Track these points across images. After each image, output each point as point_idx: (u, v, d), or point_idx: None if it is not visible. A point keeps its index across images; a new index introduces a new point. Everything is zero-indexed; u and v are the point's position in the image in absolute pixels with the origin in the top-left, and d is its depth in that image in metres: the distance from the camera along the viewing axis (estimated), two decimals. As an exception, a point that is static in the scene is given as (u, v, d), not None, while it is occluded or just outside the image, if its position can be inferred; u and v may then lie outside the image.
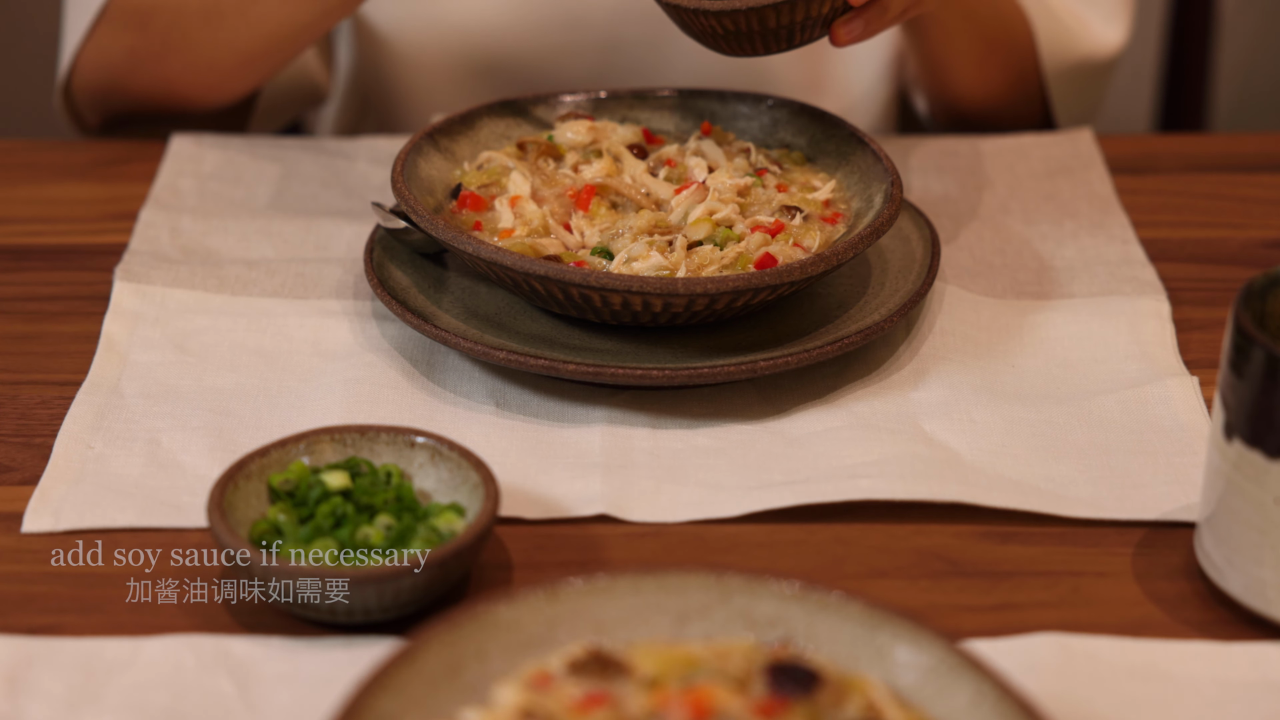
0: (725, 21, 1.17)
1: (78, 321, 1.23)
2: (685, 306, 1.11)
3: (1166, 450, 1.11)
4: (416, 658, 0.84)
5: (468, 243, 1.13)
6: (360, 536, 0.98)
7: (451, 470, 1.02)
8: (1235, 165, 1.44)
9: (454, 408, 1.14)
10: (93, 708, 0.92)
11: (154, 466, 1.09)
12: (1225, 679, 0.94)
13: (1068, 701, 0.92)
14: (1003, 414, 1.14)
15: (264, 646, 0.96)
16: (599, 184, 1.21)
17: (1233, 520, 0.96)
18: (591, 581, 0.89)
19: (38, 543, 1.03)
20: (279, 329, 1.22)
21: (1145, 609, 0.99)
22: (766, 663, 0.86)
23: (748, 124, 1.30)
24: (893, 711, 0.84)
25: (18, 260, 1.31)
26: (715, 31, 1.19)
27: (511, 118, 1.29)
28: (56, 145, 1.48)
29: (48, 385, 1.17)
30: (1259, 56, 2.45)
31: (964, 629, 0.97)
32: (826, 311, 1.19)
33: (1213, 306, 1.25)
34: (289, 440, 1.03)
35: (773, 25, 1.17)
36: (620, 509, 1.06)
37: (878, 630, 0.87)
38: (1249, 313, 0.96)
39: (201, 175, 1.39)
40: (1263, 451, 0.93)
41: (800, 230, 1.18)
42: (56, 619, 0.98)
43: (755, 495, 1.06)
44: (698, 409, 1.14)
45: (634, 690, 0.84)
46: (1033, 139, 1.47)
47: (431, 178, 1.23)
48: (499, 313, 1.18)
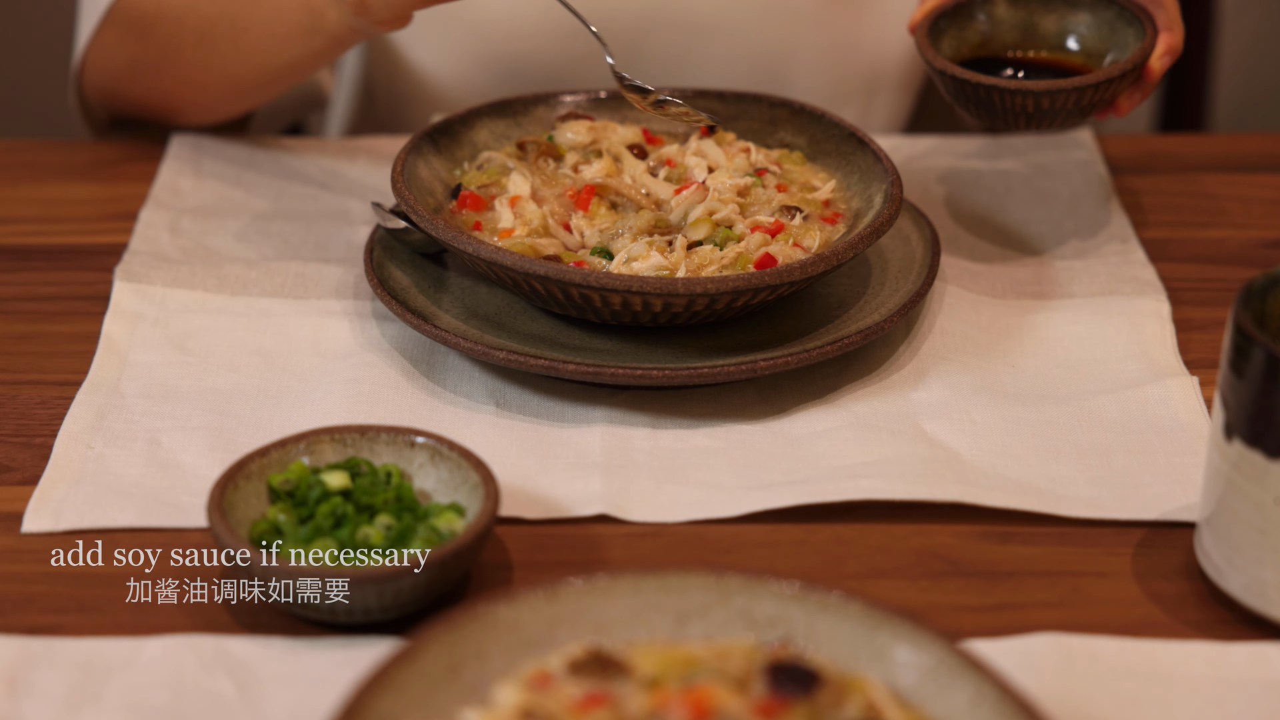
0: (1044, 101, 1.21)
1: (78, 321, 1.23)
2: (685, 306, 1.11)
3: (1166, 450, 1.11)
4: (416, 658, 0.84)
5: (468, 243, 1.13)
6: (360, 536, 0.98)
7: (451, 470, 1.02)
8: (1235, 165, 1.44)
9: (454, 408, 1.14)
10: (93, 708, 0.92)
11: (154, 466, 1.09)
12: (1225, 679, 0.94)
13: (1068, 701, 0.92)
14: (1003, 414, 1.14)
15: (264, 646, 0.96)
16: (599, 184, 1.21)
17: (1233, 520, 0.96)
18: (591, 581, 0.89)
19: (38, 543, 1.03)
20: (279, 329, 1.22)
21: (1145, 609, 0.99)
22: (766, 663, 0.86)
23: (748, 124, 1.30)
24: (893, 711, 0.84)
25: (18, 260, 1.31)
26: (1024, 110, 1.22)
27: (511, 118, 1.29)
28: (56, 145, 1.48)
29: (48, 385, 1.17)
30: (1259, 56, 2.45)
31: (964, 629, 0.97)
32: (826, 311, 1.19)
33: (1213, 306, 1.25)
34: (289, 440, 1.02)
35: (1086, 103, 1.22)
36: (620, 509, 1.06)
37: (878, 630, 0.87)
38: (1249, 313, 0.96)
39: (201, 175, 1.39)
40: (1263, 451, 0.93)
41: (800, 230, 1.18)
42: (56, 619, 0.98)
43: (755, 495, 1.06)
44: (698, 409, 1.14)
45: (634, 690, 0.84)
46: (1033, 139, 1.47)
47: (431, 178, 1.23)
48: (499, 313, 1.18)
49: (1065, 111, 1.22)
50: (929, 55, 1.25)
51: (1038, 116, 1.23)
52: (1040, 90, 1.21)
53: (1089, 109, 1.23)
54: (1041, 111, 1.22)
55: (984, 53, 1.31)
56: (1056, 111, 1.22)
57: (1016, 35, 1.31)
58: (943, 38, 1.28)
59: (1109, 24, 1.29)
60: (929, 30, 1.27)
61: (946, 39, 1.29)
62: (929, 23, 1.28)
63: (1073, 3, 1.30)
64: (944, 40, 1.29)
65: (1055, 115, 1.22)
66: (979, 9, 1.31)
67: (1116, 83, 1.21)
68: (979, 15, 1.30)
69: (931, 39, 1.27)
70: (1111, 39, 1.28)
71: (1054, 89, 1.20)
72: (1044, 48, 1.31)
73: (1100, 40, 1.29)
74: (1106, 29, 1.29)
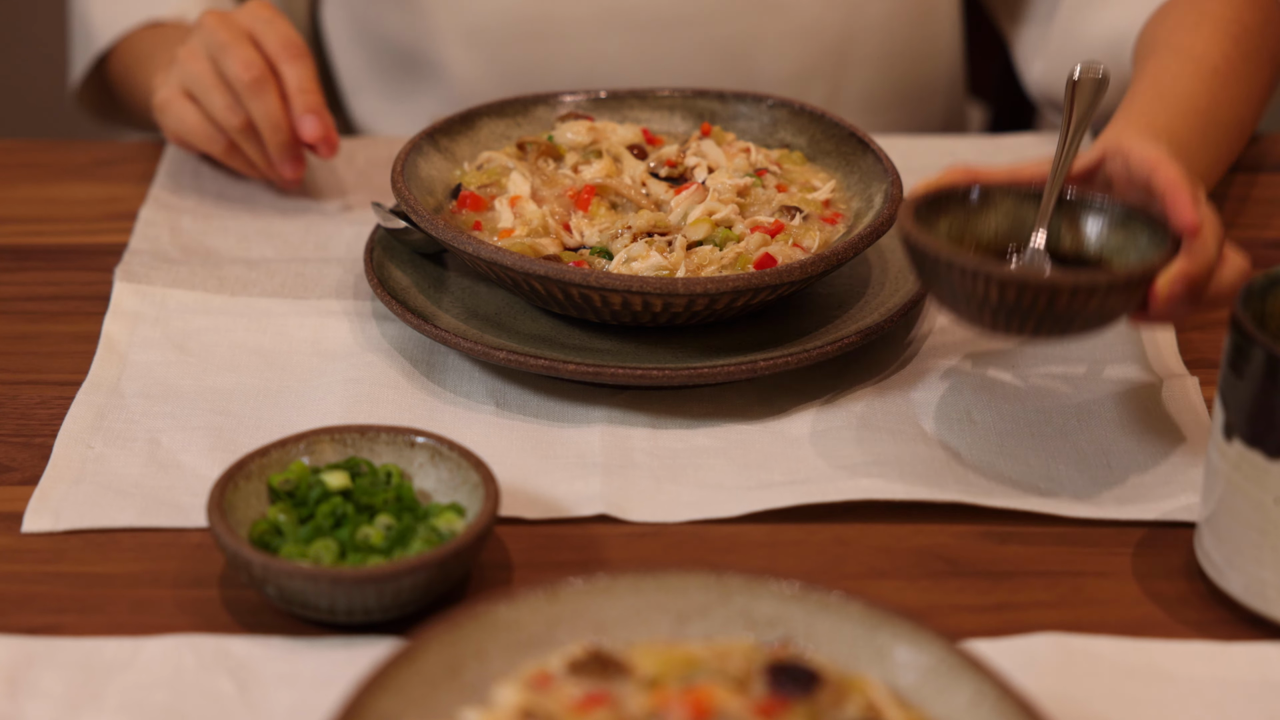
0: (1009, 293, 0.99)
1: (78, 321, 1.23)
2: (685, 306, 1.11)
3: (1166, 450, 1.11)
4: (416, 658, 0.84)
5: (468, 243, 1.13)
6: (360, 536, 0.98)
7: (451, 470, 1.02)
8: (1235, 165, 1.44)
9: (454, 408, 1.14)
10: (93, 708, 0.92)
11: (154, 466, 1.09)
12: (1225, 679, 0.94)
13: (1068, 701, 0.92)
14: (1003, 414, 1.14)
15: (264, 646, 0.96)
16: (599, 184, 1.21)
17: (1233, 520, 0.96)
18: (591, 581, 0.89)
19: (38, 543, 1.03)
20: (279, 329, 1.22)
21: (1145, 609, 0.99)
22: (766, 663, 0.86)
23: (748, 124, 1.30)
24: (893, 711, 0.84)
25: (18, 260, 1.31)
26: (987, 300, 0.99)
27: (511, 118, 1.29)
28: (56, 145, 1.48)
29: (48, 385, 1.17)
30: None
31: (964, 629, 0.97)
32: (826, 311, 1.19)
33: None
34: (289, 440, 1.03)
35: (1062, 309, 0.99)
36: (620, 509, 1.06)
37: (878, 630, 0.87)
38: (1249, 313, 0.96)
39: (201, 175, 1.40)
40: (1263, 451, 0.93)
41: (800, 230, 1.18)
42: (56, 619, 0.98)
43: (755, 495, 1.06)
44: (698, 409, 1.14)
45: (634, 690, 0.84)
46: (1032, 138, 1.47)
47: (431, 178, 1.23)
48: (499, 313, 1.18)
49: (1037, 315, 0.99)
50: (902, 217, 1.03)
51: (1003, 314, 1.00)
52: (1006, 279, 0.98)
53: (1067, 320, 1.00)
54: (1006, 307, 0.99)
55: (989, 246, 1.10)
56: (1025, 312, 0.99)
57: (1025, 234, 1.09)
58: (941, 217, 1.07)
59: (1135, 241, 1.07)
60: (926, 204, 1.06)
61: (945, 219, 1.08)
62: (928, 197, 1.07)
63: (1101, 209, 1.08)
64: (942, 220, 1.07)
65: (1025, 317, 0.99)
66: (992, 199, 1.09)
67: (1102, 294, 0.98)
68: (986, 205, 1.09)
69: (924, 215, 1.05)
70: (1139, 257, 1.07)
71: (1022, 280, 0.98)
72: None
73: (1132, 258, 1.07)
74: (1133, 247, 1.07)
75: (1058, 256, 1.08)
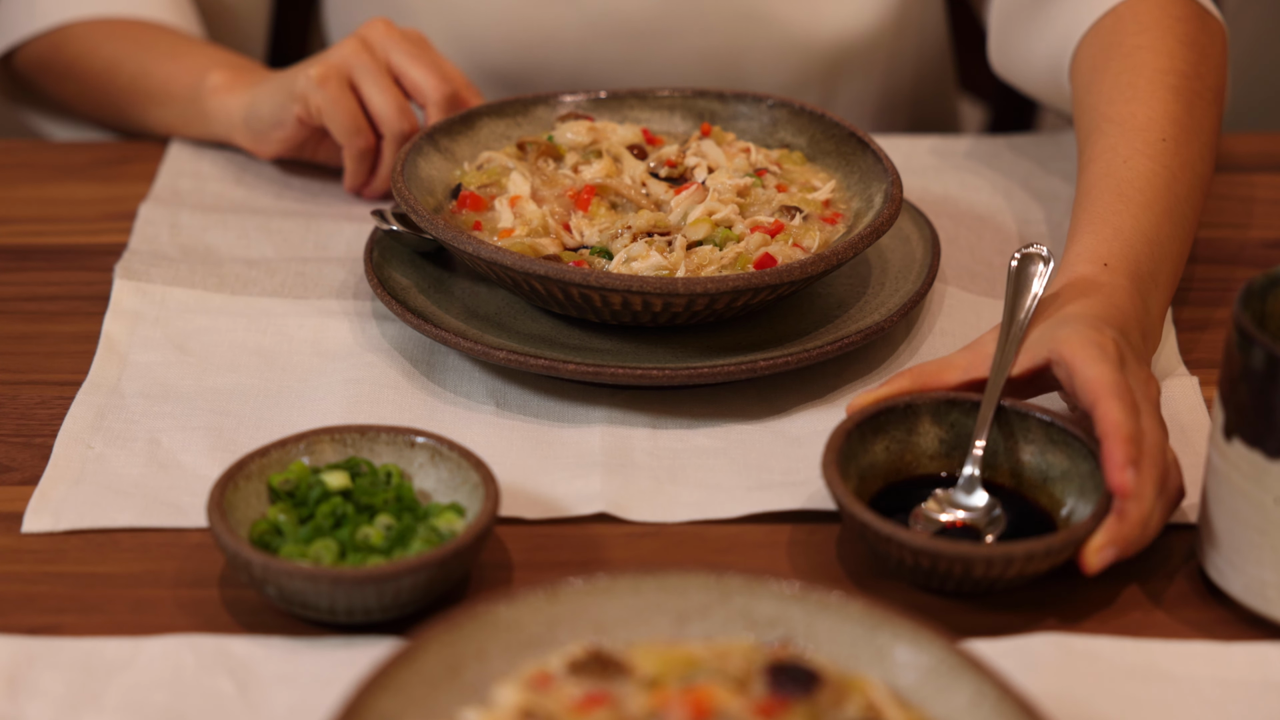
0: (923, 559, 0.96)
1: (78, 321, 1.23)
2: (685, 306, 1.11)
3: (1166, 450, 1.11)
4: (416, 658, 0.84)
5: (468, 243, 1.13)
6: (360, 536, 0.98)
7: (451, 470, 1.02)
8: (1235, 165, 1.44)
9: (454, 408, 1.14)
10: (93, 708, 0.92)
11: (154, 466, 1.09)
12: (1225, 679, 0.94)
13: (1068, 701, 0.92)
14: (1003, 414, 1.13)
15: (264, 646, 0.96)
16: (599, 184, 1.21)
17: (1233, 520, 0.96)
18: (591, 581, 0.89)
19: (38, 543, 1.03)
20: (279, 329, 1.22)
21: (1145, 609, 0.99)
22: (766, 663, 0.86)
23: (748, 124, 1.30)
24: (893, 711, 0.84)
25: (18, 260, 1.31)
26: (902, 563, 0.97)
27: (511, 118, 1.29)
28: (56, 145, 1.48)
29: (48, 385, 1.17)
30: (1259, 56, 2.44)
31: (964, 629, 0.97)
32: (826, 311, 1.19)
33: (1213, 306, 1.25)
34: (289, 440, 1.02)
35: (979, 575, 0.96)
36: (620, 509, 1.06)
37: (878, 630, 0.87)
38: (1249, 313, 0.96)
39: (201, 175, 1.40)
40: (1263, 451, 0.93)
41: (800, 230, 1.18)
42: (56, 619, 0.98)
43: (755, 495, 1.06)
44: (698, 409, 1.14)
45: (634, 690, 0.84)
46: (1032, 139, 1.47)
47: (431, 178, 1.23)
48: (499, 313, 1.18)
49: (955, 580, 0.96)
50: (826, 462, 0.99)
51: (921, 576, 0.97)
52: (919, 548, 0.95)
53: (987, 584, 0.97)
54: (923, 571, 0.97)
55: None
56: (943, 576, 0.97)
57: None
58: (880, 437, 1.03)
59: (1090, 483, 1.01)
60: (865, 422, 1.02)
61: (883, 440, 1.03)
62: (867, 413, 1.02)
63: (1041, 427, 1.03)
64: (879, 442, 1.03)
65: (944, 580, 0.97)
66: (931, 413, 1.04)
67: (1020, 564, 0.95)
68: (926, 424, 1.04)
69: (865, 434, 1.02)
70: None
71: (935, 550, 0.95)
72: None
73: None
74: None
75: (995, 481, 1.03)
